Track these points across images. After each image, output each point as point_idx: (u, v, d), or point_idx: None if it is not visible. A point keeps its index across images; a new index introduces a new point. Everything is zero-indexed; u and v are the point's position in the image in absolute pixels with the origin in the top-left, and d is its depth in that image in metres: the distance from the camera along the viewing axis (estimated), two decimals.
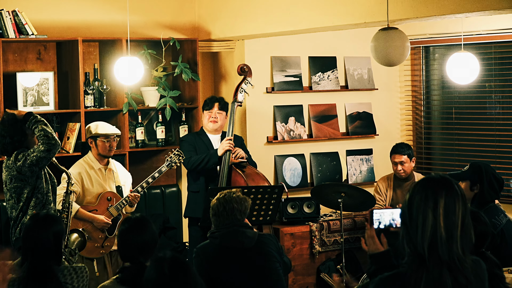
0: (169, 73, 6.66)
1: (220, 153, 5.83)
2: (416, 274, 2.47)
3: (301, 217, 6.60)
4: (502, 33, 6.83)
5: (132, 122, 6.52)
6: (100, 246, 5.56)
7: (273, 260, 4.30)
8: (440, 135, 7.63)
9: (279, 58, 7.05)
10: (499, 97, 7.07)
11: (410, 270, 2.49)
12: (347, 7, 5.47)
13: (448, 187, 2.52)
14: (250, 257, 4.25)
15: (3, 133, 4.90)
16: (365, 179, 7.42)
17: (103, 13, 6.47)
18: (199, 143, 6.03)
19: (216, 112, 6.03)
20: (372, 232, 3.03)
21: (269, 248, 4.32)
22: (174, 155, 5.80)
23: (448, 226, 2.46)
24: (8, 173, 4.89)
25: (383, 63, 4.96)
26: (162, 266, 2.73)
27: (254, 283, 4.24)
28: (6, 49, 6.04)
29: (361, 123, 7.47)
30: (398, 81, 7.72)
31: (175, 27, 6.79)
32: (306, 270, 6.53)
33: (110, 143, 5.65)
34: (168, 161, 5.79)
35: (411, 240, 2.50)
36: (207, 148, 6.01)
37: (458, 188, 2.53)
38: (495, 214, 4.62)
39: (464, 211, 2.50)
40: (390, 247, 2.98)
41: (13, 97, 5.97)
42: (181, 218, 6.81)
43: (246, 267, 4.23)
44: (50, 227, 3.65)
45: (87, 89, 6.18)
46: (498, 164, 6.94)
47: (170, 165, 5.79)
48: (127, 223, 3.65)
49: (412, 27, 7.11)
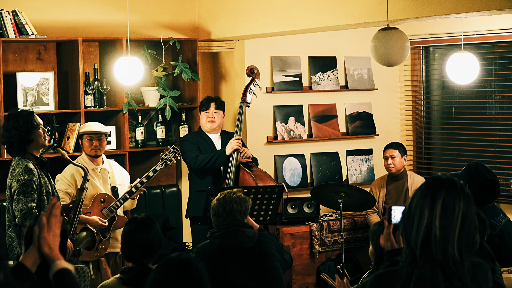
0: (169, 73, 6.66)
1: (229, 152, 5.86)
2: (407, 271, 2.46)
3: (301, 217, 6.60)
4: (502, 33, 6.83)
5: (132, 122, 6.52)
6: (95, 249, 5.46)
7: (273, 260, 4.30)
8: (440, 135, 7.63)
9: (279, 58, 7.05)
10: (499, 97, 7.07)
11: (403, 267, 2.49)
12: (347, 7, 5.47)
13: (449, 187, 2.48)
14: (250, 257, 4.25)
15: (9, 127, 4.77)
16: (365, 179, 7.42)
17: (103, 13, 6.47)
18: (201, 142, 6.04)
19: (213, 112, 6.05)
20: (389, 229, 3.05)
21: (269, 247, 4.32)
22: (170, 152, 5.69)
23: (445, 226, 2.43)
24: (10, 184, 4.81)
25: (383, 63, 4.97)
26: (171, 267, 2.72)
27: (254, 283, 4.24)
28: (6, 49, 6.04)
29: (361, 123, 7.47)
30: (398, 81, 7.72)
31: (175, 27, 6.79)
32: (306, 270, 6.53)
33: (93, 141, 5.52)
34: (163, 159, 5.66)
35: (407, 237, 2.49)
36: (209, 147, 6.03)
37: (461, 189, 2.48)
38: (494, 215, 4.61)
39: (466, 212, 2.45)
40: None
41: (13, 97, 5.97)
42: (181, 218, 6.81)
43: (246, 267, 4.23)
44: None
45: (87, 89, 6.18)
46: (498, 164, 6.95)
47: (165, 163, 5.67)
48: (132, 223, 3.64)
49: (412, 27, 7.11)
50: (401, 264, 2.49)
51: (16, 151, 4.80)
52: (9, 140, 4.78)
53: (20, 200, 4.65)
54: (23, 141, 4.75)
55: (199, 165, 5.90)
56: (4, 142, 4.85)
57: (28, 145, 4.77)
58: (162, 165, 5.66)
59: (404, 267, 2.47)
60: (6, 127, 4.79)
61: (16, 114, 4.81)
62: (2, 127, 4.89)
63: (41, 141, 4.82)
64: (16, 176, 4.70)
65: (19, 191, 4.66)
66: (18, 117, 4.76)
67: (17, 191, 4.67)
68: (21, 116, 4.77)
